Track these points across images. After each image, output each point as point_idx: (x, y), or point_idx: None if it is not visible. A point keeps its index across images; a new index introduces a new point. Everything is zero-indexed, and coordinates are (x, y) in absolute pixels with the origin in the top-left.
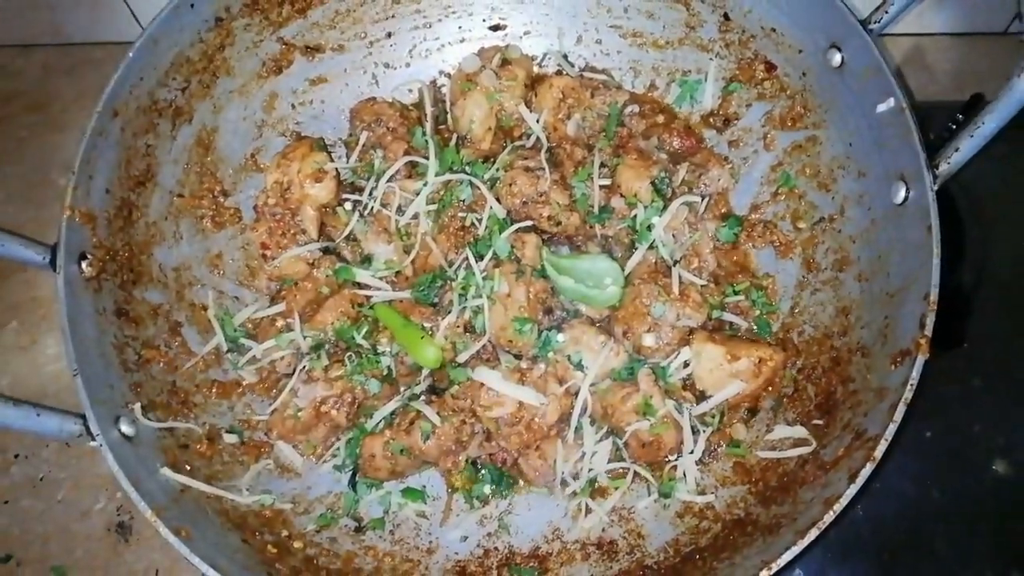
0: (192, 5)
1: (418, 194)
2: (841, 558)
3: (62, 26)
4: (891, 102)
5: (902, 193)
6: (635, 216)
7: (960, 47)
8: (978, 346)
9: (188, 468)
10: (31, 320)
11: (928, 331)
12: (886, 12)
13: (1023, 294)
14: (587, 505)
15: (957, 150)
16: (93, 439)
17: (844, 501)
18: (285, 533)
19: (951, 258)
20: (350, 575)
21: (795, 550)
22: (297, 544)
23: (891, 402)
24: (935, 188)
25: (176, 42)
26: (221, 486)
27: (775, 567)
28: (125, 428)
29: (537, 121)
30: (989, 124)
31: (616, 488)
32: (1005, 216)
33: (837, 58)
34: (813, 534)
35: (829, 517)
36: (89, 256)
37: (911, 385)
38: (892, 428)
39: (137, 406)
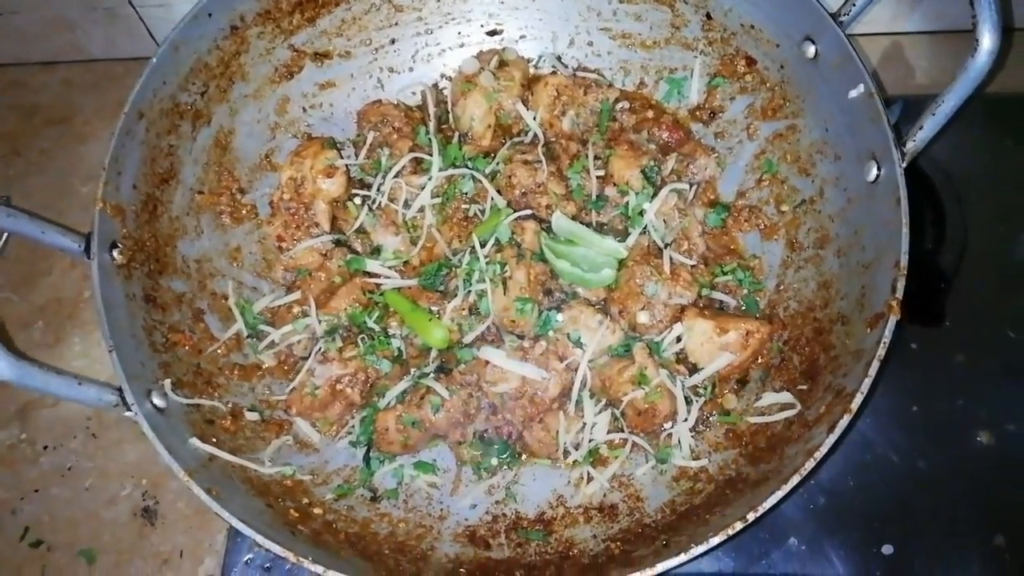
0: (210, 14)
1: (423, 188)
2: (833, 527)
3: (83, 44)
4: (861, 88)
5: (874, 171)
6: (627, 203)
7: (935, 44)
8: (960, 324)
9: (214, 441)
10: (56, 320)
11: (899, 294)
12: (853, 4)
13: (1000, 274)
14: (588, 473)
15: (921, 128)
16: (128, 409)
17: (824, 449)
18: (306, 501)
19: (933, 241)
20: (367, 538)
21: (779, 494)
22: (317, 511)
23: (866, 360)
24: (903, 165)
25: (195, 49)
26: (245, 458)
27: (761, 510)
28: (157, 401)
29: (534, 118)
30: (949, 102)
31: (615, 457)
32: (984, 200)
33: (811, 50)
34: (795, 479)
35: (810, 464)
36: (120, 245)
37: (884, 343)
38: (867, 382)
39: (167, 382)
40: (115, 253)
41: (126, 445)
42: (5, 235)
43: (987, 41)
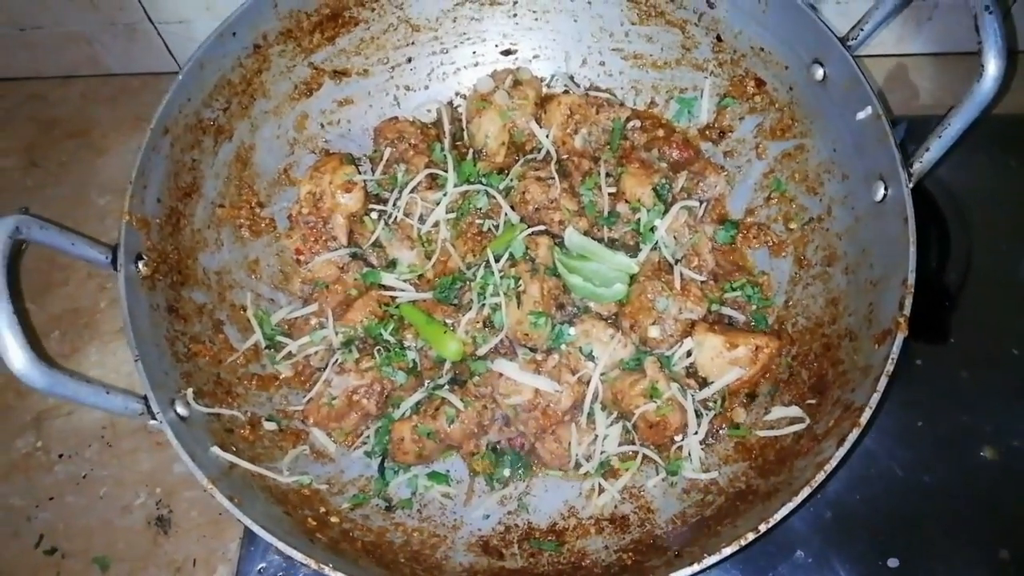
0: (234, 33)
1: (438, 204)
2: (840, 540)
3: (101, 58)
4: (869, 110)
5: (881, 191)
6: (639, 220)
7: (939, 66)
8: (964, 341)
9: (234, 450)
10: (73, 330)
11: (906, 311)
12: (862, 29)
13: (1004, 292)
14: (600, 485)
15: (928, 150)
16: (154, 417)
17: (833, 462)
18: (323, 509)
19: (938, 260)
20: (383, 547)
21: (790, 506)
22: (334, 519)
23: (875, 376)
24: (910, 185)
25: (219, 66)
26: (263, 467)
27: (772, 521)
28: (180, 410)
29: (547, 136)
30: (955, 125)
31: (627, 469)
32: (988, 219)
33: (820, 72)
34: (806, 492)
35: (820, 477)
36: (144, 257)
37: (892, 359)
38: (876, 397)
39: (190, 391)
40: (140, 265)
41: (141, 454)
42: (24, 245)
43: (992, 67)
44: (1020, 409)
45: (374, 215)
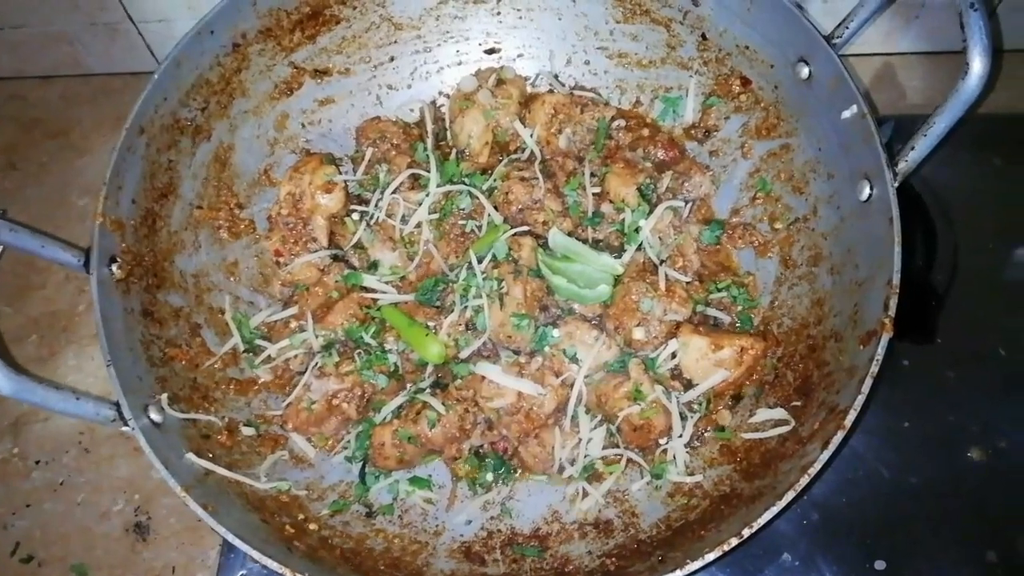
0: (212, 31)
1: (421, 204)
2: (826, 543)
3: (82, 58)
4: (854, 108)
5: (867, 191)
6: (623, 220)
7: (926, 65)
8: (951, 341)
9: (210, 456)
10: (51, 334)
11: (891, 312)
12: (847, 28)
13: (990, 292)
14: (584, 489)
15: (913, 148)
16: (126, 424)
17: (818, 466)
18: (301, 516)
19: (924, 259)
20: (363, 554)
21: (774, 510)
22: (312, 526)
23: (860, 377)
24: (896, 184)
25: (197, 65)
26: (241, 473)
27: (756, 526)
28: (154, 416)
29: (531, 135)
30: (940, 124)
31: (611, 472)
32: (973, 219)
33: (805, 71)
34: (790, 495)
35: (804, 480)
36: (119, 260)
37: (877, 360)
38: (860, 399)
39: (164, 396)
40: (114, 267)
41: (119, 460)
42: (0, 248)
43: (977, 65)
44: (1007, 409)
45: (355, 216)
